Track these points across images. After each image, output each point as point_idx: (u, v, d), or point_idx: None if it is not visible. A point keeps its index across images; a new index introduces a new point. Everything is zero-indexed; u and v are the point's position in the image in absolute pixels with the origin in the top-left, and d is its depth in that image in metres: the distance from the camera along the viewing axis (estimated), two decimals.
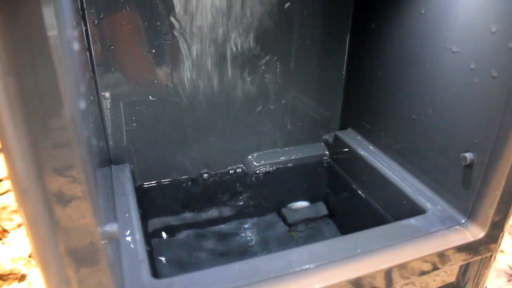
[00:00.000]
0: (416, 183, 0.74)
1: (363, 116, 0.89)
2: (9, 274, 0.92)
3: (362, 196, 0.86)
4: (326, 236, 0.96)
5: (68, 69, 0.34)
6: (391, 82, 0.77)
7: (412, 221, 0.65)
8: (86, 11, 0.67)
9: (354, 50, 0.88)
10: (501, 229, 0.63)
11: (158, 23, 0.72)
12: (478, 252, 0.64)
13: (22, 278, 0.92)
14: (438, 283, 0.68)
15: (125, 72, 0.75)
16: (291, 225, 0.96)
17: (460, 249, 0.62)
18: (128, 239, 0.60)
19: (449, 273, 0.67)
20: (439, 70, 0.66)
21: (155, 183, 0.87)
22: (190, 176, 0.90)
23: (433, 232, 0.63)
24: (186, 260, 0.86)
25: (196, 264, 0.85)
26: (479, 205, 0.62)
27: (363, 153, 0.85)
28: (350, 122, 0.94)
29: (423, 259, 0.60)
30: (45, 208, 0.34)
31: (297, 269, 0.55)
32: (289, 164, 0.94)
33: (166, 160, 0.86)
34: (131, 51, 0.73)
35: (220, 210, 0.95)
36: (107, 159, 0.79)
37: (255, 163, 0.93)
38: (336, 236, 0.95)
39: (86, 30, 0.68)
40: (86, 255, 0.38)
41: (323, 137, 0.98)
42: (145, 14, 0.71)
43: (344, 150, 0.91)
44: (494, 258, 0.67)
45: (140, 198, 0.79)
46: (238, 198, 0.96)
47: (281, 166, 0.94)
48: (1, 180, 1.25)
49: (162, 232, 0.88)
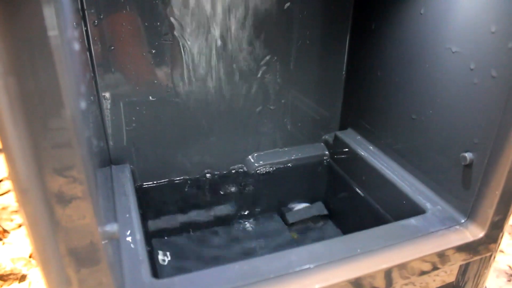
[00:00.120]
0: (416, 183, 0.74)
1: (363, 116, 0.89)
2: (10, 274, 0.92)
3: (362, 196, 0.86)
4: (326, 236, 0.96)
5: (68, 69, 0.34)
6: (391, 82, 0.77)
7: (412, 221, 0.65)
8: (86, 12, 0.67)
9: (354, 50, 0.88)
10: (500, 229, 0.63)
11: (158, 23, 0.73)
12: (477, 252, 0.64)
13: (22, 278, 0.92)
14: (438, 283, 0.68)
15: (125, 72, 0.75)
16: (291, 225, 0.96)
17: (460, 249, 0.62)
18: (128, 239, 0.60)
19: (448, 273, 0.67)
20: (439, 70, 0.66)
21: (155, 183, 0.87)
22: (190, 176, 0.90)
23: (433, 232, 0.63)
24: (186, 260, 0.86)
25: (196, 264, 0.85)
26: (479, 205, 0.62)
27: (363, 153, 0.85)
28: (350, 122, 0.94)
29: (423, 259, 0.60)
30: (45, 208, 0.34)
31: (297, 269, 0.55)
32: (289, 164, 0.95)
33: (166, 160, 0.86)
34: (131, 52, 0.74)
35: (220, 210, 0.95)
36: (107, 159, 0.79)
37: (255, 163, 0.93)
38: (336, 236, 0.95)
39: (86, 31, 0.68)
40: (87, 255, 0.38)
41: (323, 137, 0.98)
42: (145, 14, 0.71)
43: (344, 150, 0.91)
44: (494, 258, 0.67)
45: (140, 198, 0.79)
46: (238, 198, 0.96)
47: (281, 166, 0.94)
48: (1, 181, 1.25)
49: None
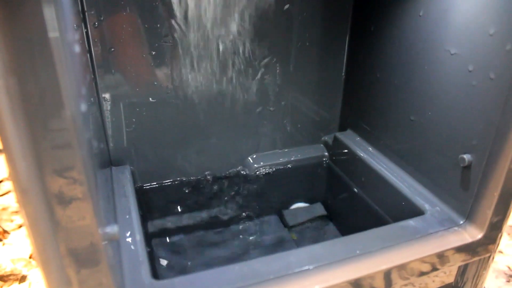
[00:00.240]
0: (415, 184, 0.74)
1: (362, 118, 0.89)
2: (10, 275, 0.92)
3: (361, 197, 0.87)
4: (325, 237, 0.96)
5: (68, 70, 0.34)
6: (390, 83, 0.77)
7: (411, 222, 0.65)
8: (86, 13, 0.67)
9: (354, 51, 0.88)
10: (499, 230, 0.63)
11: (158, 25, 0.73)
12: (476, 253, 0.64)
13: (22, 279, 0.92)
14: (437, 284, 0.68)
15: (125, 74, 0.75)
16: (291, 226, 0.96)
17: (459, 250, 0.62)
18: (129, 240, 0.60)
19: (448, 274, 0.67)
20: (437, 71, 0.66)
21: (155, 184, 0.87)
22: (190, 178, 0.90)
23: (431, 233, 0.63)
24: (186, 261, 0.86)
25: (196, 265, 0.85)
26: (478, 207, 0.62)
27: (362, 155, 0.85)
28: (349, 124, 0.94)
29: (421, 260, 0.60)
30: (46, 208, 0.34)
31: (297, 270, 0.55)
32: (289, 165, 0.95)
33: (166, 162, 0.86)
34: (131, 53, 0.74)
35: (220, 211, 0.95)
36: (108, 161, 0.79)
37: (254, 164, 0.93)
38: (336, 237, 0.95)
39: (87, 32, 0.69)
40: (87, 256, 0.38)
41: (323, 138, 0.98)
42: (145, 16, 0.72)
43: (344, 151, 0.91)
44: (493, 258, 0.67)
45: (140, 199, 0.79)
46: (238, 199, 0.96)
47: (281, 167, 0.94)
48: (1, 181, 1.25)
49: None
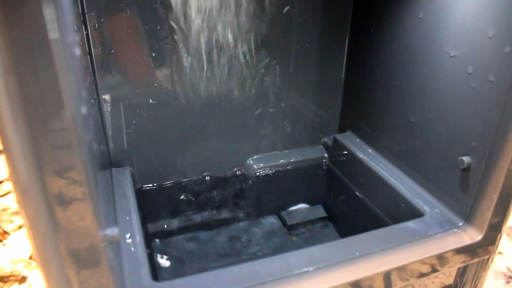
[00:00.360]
0: (414, 186, 0.74)
1: (362, 119, 0.89)
2: (10, 276, 0.92)
3: (361, 199, 0.87)
4: (325, 239, 0.96)
5: (69, 71, 0.34)
6: (390, 85, 0.78)
7: (410, 224, 0.65)
8: (86, 15, 0.68)
9: (353, 53, 0.88)
10: (498, 232, 0.63)
11: (158, 27, 0.73)
12: (476, 254, 0.64)
13: (22, 280, 0.92)
14: (437, 285, 0.68)
15: (125, 76, 0.75)
16: (291, 228, 0.96)
17: (458, 251, 0.62)
18: (129, 241, 0.60)
19: (447, 275, 0.67)
20: (437, 74, 0.66)
21: (155, 185, 0.87)
22: (190, 179, 0.90)
23: (431, 235, 0.63)
24: (186, 263, 0.86)
25: (195, 267, 0.85)
26: (477, 208, 0.62)
27: (362, 156, 0.85)
28: (349, 125, 0.94)
29: (421, 261, 0.60)
30: (46, 209, 0.34)
31: (296, 272, 0.55)
32: (289, 167, 0.95)
33: (166, 163, 0.86)
34: (131, 55, 0.74)
35: (220, 212, 0.95)
36: (108, 162, 0.79)
37: (254, 166, 0.93)
38: (335, 239, 0.95)
39: (87, 34, 0.69)
40: (87, 257, 0.38)
41: (322, 139, 0.98)
42: (145, 18, 0.72)
43: (343, 153, 0.91)
44: (492, 260, 0.67)
45: (140, 200, 0.79)
46: (238, 200, 0.96)
47: (281, 169, 0.94)
48: (1, 182, 1.25)
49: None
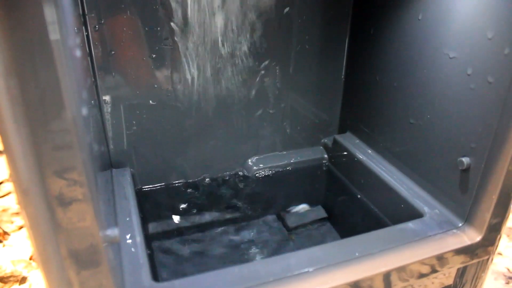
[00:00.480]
0: (414, 187, 0.74)
1: (362, 120, 0.89)
2: (10, 276, 0.93)
3: (360, 200, 0.87)
4: (325, 239, 0.96)
5: (69, 72, 0.34)
6: (390, 86, 0.78)
7: (410, 224, 0.65)
8: (87, 16, 0.68)
9: (353, 54, 0.88)
10: (498, 233, 0.63)
11: (159, 28, 0.73)
12: (475, 255, 0.64)
13: (23, 280, 0.92)
14: (437, 286, 0.68)
15: (125, 77, 0.75)
16: (291, 229, 0.97)
17: (458, 252, 0.62)
18: (129, 242, 0.60)
19: (447, 276, 0.68)
20: (436, 75, 0.66)
21: (155, 186, 0.88)
22: (189, 180, 0.90)
23: (430, 235, 0.63)
24: (186, 264, 0.86)
25: (195, 267, 0.85)
26: (476, 209, 0.62)
27: (361, 157, 0.86)
28: (349, 126, 0.95)
29: (420, 262, 0.60)
30: (46, 210, 0.34)
31: (296, 272, 0.55)
32: (289, 168, 0.95)
33: (166, 164, 0.86)
34: (131, 56, 0.74)
35: (220, 213, 0.95)
36: (108, 163, 0.79)
37: (254, 167, 0.93)
38: (335, 239, 0.95)
39: (87, 35, 0.69)
40: (87, 258, 0.38)
41: (322, 140, 0.99)
42: (145, 19, 0.72)
43: (343, 153, 0.91)
44: (491, 261, 0.68)
45: (141, 201, 0.79)
46: (238, 201, 0.96)
47: (281, 170, 0.94)
48: (2, 183, 1.25)
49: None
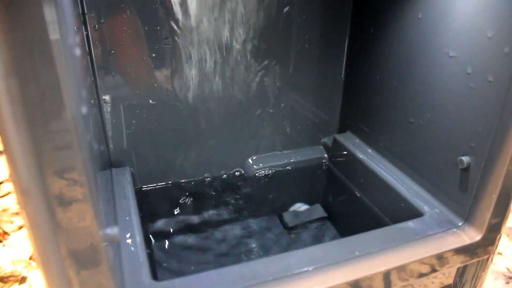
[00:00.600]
0: (414, 186, 0.74)
1: (361, 120, 0.89)
2: (10, 276, 0.93)
3: (360, 199, 0.87)
4: (325, 238, 0.96)
5: (69, 72, 0.34)
6: (389, 85, 0.78)
7: (410, 224, 0.65)
8: (87, 16, 0.68)
9: (353, 54, 0.88)
10: (498, 232, 0.63)
11: (158, 27, 0.73)
12: (475, 254, 0.64)
13: (22, 280, 0.92)
14: (437, 285, 0.68)
15: (125, 76, 0.75)
16: (291, 228, 0.97)
17: (457, 251, 0.62)
18: (129, 241, 0.60)
19: (447, 275, 0.68)
20: (436, 74, 0.66)
21: (155, 186, 0.88)
22: (189, 179, 0.90)
23: (430, 234, 0.63)
24: (185, 263, 0.86)
25: (195, 267, 0.85)
26: (476, 208, 0.62)
27: (361, 156, 0.86)
28: (348, 125, 0.95)
29: (420, 261, 0.60)
30: (46, 210, 0.34)
31: (296, 271, 0.56)
32: (288, 167, 0.95)
33: (166, 163, 0.86)
34: (131, 55, 0.74)
35: (219, 213, 0.95)
36: (108, 162, 0.79)
37: (254, 166, 0.93)
38: (335, 238, 0.95)
39: (87, 35, 0.69)
40: (87, 257, 0.38)
41: (322, 140, 0.99)
42: (145, 18, 0.72)
43: (343, 153, 0.91)
44: (491, 260, 0.68)
45: (140, 201, 0.79)
46: (238, 201, 0.96)
47: (280, 169, 0.94)
48: (2, 183, 1.25)
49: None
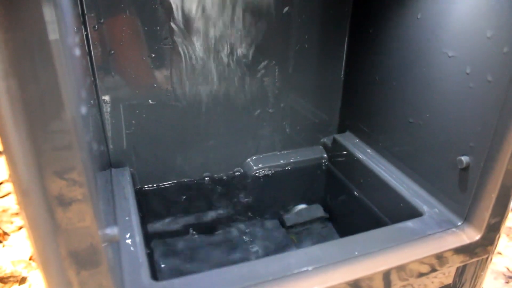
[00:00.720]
0: (413, 186, 0.74)
1: (361, 120, 0.89)
2: (10, 276, 0.93)
3: (360, 199, 0.87)
4: (324, 238, 0.96)
5: (69, 72, 0.34)
6: (389, 85, 0.78)
7: (409, 223, 0.65)
8: (86, 16, 0.68)
9: (352, 54, 0.88)
10: (497, 232, 0.63)
11: (158, 27, 0.73)
12: (474, 254, 0.64)
13: (22, 280, 0.92)
14: (436, 285, 0.68)
15: (125, 76, 0.75)
16: (290, 228, 0.97)
17: (457, 251, 0.62)
18: (128, 241, 0.60)
19: (446, 275, 0.68)
20: (435, 74, 0.66)
21: (154, 186, 0.88)
22: (189, 179, 0.90)
23: (430, 234, 0.63)
24: (185, 263, 0.86)
25: (195, 267, 0.85)
26: (475, 208, 0.62)
27: (361, 156, 0.86)
28: (348, 125, 0.95)
29: (420, 261, 0.60)
30: (46, 210, 0.34)
31: (296, 271, 0.56)
32: (288, 167, 0.95)
33: (165, 164, 0.86)
34: (131, 56, 0.74)
35: (219, 213, 0.95)
36: (107, 163, 0.79)
37: (254, 167, 0.93)
38: (335, 238, 0.95)
39: (87, 35, 0.69)
40: (87, 258, 0.38)
41: (322, 140, 0.99)
42: (145, 18, 0.72)
43: (343, 153, 0.91)
44: (491, 260, 0.68)
45: (140, 201, 0.79)
46: (237, 201, 0.96)
47: (280, 169, 0.94)
48: (1, 183, 1.25)
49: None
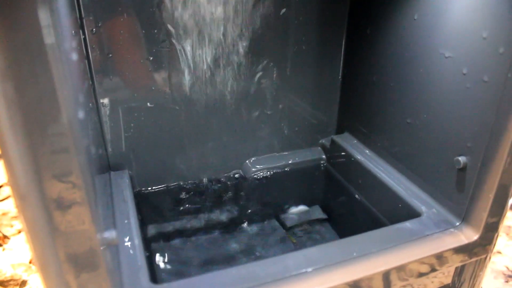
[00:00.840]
0: (411, 186, 0.74)
1: (359, 120, 0.89)
2: (10, 280, 0.93)
3: (358, 200, 0.87)
4: (323, 239, 0.96)
5: (66, 76, 0.35)
6: (386, 86, 0.78)
7: (408, 224, 0.65)
8: (84, 19, 0.68)
9: (350, 55, 0.89)
10: (495, 231, 0.63)
11: (156, 30, 0.73)
12: (473, 254, 0.64)
13: (22, 284, 0.92)
14: (436, 285, 0.68)
15: (123, 79, 0.75)
16: (289, 229, 0.97)
17: (455, 251, 0.62)
18: (127, 244, 0.60)
19: (445, 275, 0.68)
20: (432, 75, 0.67)
21: (153, 189, 0.88)
22: (188, 182, 0.90)
23: (428, 235, 0.63)
24: (184, 265, 0.86)
25: (194, 269, 0.85)
26: (473, 208, 0.62)
27: (359, 157, 0.86)
28: (346, 126, 0.95)
29: (419, 261, 0.60)
30: (44, 213, 0.34)
31: (295, 273, 0.56)
32: (287, 169, 0.95)
33: (164, 166, 0.86)
34: (129, 59, 0.74)
35: (218, 215, 0.95)
36: (106, 166, 0.79)
37: (252, 168, 0.93)
38: (334, 239, 0.95)
39: (85, 38, 0.69)
40: (86, 261, 0.38)
41: (320, 141, 0.99)
42: (142, 21, 0.72)
43: (341, 154, 0.91)
44: (489, 259, 0.68)
45: (139, 204, 0.79)
46: (236, 203, 0.96)
47: (279, 171, 0.95)
48: (1, 187, 1.25)
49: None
